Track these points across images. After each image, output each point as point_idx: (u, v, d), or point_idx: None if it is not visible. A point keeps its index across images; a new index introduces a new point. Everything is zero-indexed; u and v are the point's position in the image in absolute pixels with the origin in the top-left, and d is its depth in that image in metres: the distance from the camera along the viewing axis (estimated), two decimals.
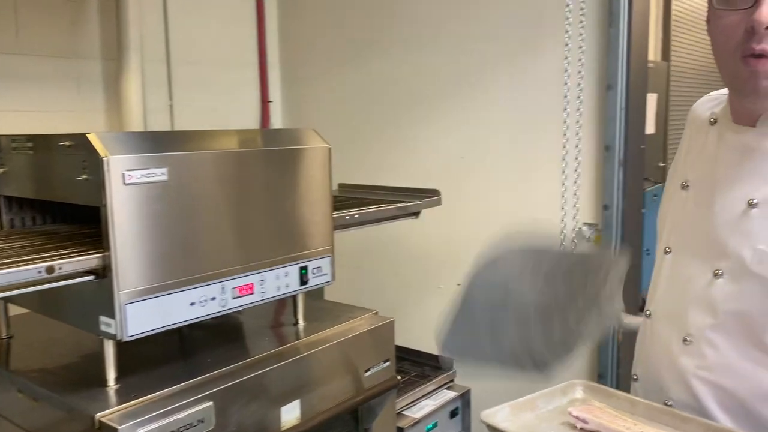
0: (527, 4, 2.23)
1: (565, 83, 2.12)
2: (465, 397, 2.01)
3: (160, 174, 1.20)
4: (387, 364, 1.65)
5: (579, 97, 2.11)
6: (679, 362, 1.08)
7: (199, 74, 2.71)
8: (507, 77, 2.32)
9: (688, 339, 1.07)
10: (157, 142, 1.25)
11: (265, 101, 2.97)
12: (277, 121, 3.03)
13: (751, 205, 0.99)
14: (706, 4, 1.02)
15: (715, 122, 1.11)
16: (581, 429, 1.04)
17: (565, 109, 2.14)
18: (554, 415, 1.10)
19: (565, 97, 2.13)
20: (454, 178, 2.42)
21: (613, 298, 1.03)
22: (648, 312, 1.18)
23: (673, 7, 5.01)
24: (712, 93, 1.18)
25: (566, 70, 2.12)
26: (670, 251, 1.14)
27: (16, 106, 2.18)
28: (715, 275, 1.03)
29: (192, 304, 1.28)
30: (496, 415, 1.07)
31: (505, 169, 2.36)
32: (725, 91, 1.12)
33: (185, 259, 1.26)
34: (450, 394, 1.98)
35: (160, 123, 2.54)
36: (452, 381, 2.04)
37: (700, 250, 1.07)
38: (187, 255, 1.27)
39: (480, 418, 1.08)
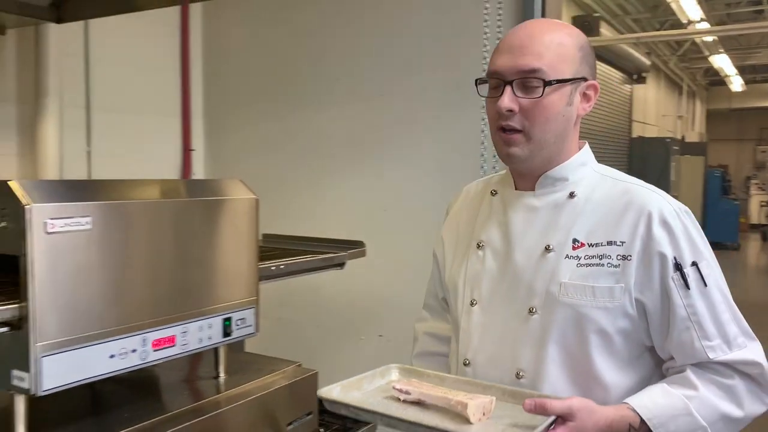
0: (451, 67, 2.36)
1: (482, 143, 2.24)
2: None
3: (84, 223, 1.18)
4: (310, 417, 1.64)
5: (495, 156, 2.23)
6: None
7: (120, 121, 2.67)
8: (429, 134, 2.42)
9: (521, 374, 1.24)
10: (81, 191, 1.23)
11: (187, 150, 2.95)
12: (199, 170, 3.01)
13: (548, 249, 1.23)
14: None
15: (496, 193, 1.36)
16: (404, 400, 1.20)
17: (482, 167, 2.25)
18: (377, 392, 1.27)
19: (482, 155, 2.24)
20: (376, 230, 2.48)
21: None
22: (467, 361, 1.32)
23: None
24: (480, 179, 1.48)
25: (483, 131, 2.24)
26: (476, 303, 1.32)
27: None
28: (530, 312, 1.23)
29: (111, 356, 1.24)
30: (331, 392, 1.24)
31: (426, 223, 2.43)
32: (489, 176, 1.46)
33: (106, 310, 1.23)
34: None
35: (76, 169, 2.48)
36: None
37: (508, 295, 1.27)
38: (109, 306, 1.24)
39: (318, 395, 1.26)
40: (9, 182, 1.13)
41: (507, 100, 1.20)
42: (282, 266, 1.71)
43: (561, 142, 1.25)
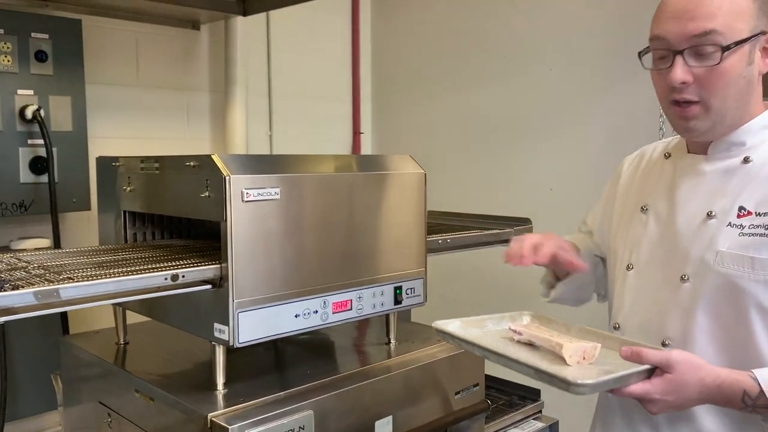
0: (618, 37, 2.25)
1: (660, 115, 2.12)
2: (553, 428, 1.99)
3: (274, 193, 1.29)
4: (477, 388, 1.67)
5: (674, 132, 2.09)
6: None
7: (297, 107, 2.86)
8: (597, 108, 2.33)
9: (668, 342, 1.18)
10: (271, 164, 1.35)
11: (356, 133, 3.10)
12: (367, 151, 3.15)
13: (709, 216, 1.17)
14: None
15: (669, 156, 1.31)
16: (518, 341, 1.21)
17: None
18: (498, 334, 1.26)
19: (660, 129, 2.12)
20: (542, 209, 2.43)
21: None
22: (616, 324, 1.29)
23: None
24: (660, 140, 1.41)
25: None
26: (632, 267, 1.28)
27: (132, 133, 2.38)
28: (682, 279, 1.18)
29: (296, 316, 1.35)
30: (447, 325, 1.25)
31: (594, 203, 2.35)
32: (671, 138, 1.37)
33: (292, 274, 1.34)
34: (538, 425, 1.97)
35: (259, 152, 2.69)
36: (540, 412, 2.03)
37: (664, 261, 1.22)
38: (294, 269, 1.35)
39: (432, 326, 1.27)
40: (212, 156, 1.27)
41: (680, 71, 1.12)
42: (449, 240, 1.75)
43: (743, 105, 1.16)
